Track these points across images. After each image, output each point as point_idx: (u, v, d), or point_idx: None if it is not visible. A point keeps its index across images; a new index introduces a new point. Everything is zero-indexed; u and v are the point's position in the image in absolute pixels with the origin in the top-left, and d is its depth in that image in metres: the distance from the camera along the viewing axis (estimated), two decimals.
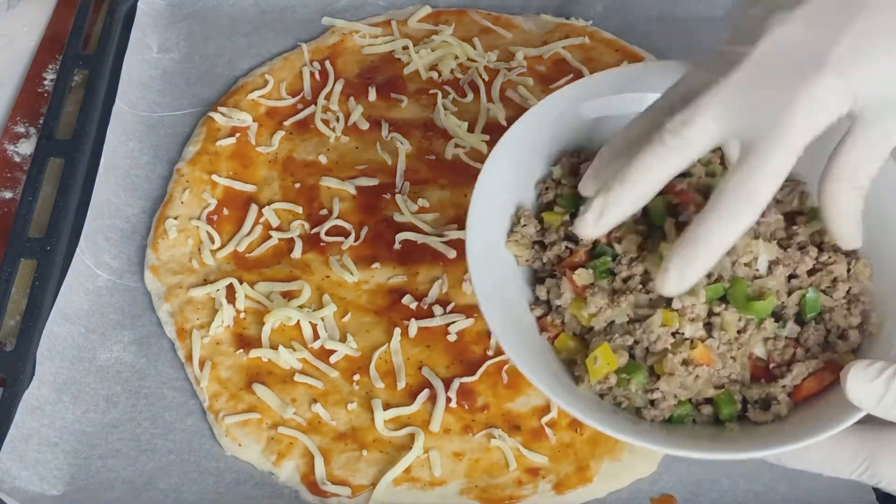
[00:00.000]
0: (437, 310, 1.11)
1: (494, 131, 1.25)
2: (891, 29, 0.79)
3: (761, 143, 0.79)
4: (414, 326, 1.10)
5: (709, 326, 0.89)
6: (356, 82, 1.30)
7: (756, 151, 0.79)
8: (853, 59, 0.79)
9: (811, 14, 0.81)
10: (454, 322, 1.10)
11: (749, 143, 0.80)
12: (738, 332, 0.89)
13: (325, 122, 1.26)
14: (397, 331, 1.10)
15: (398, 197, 1.20)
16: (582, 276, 0.92)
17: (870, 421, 0.83)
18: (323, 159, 1.24)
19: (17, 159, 1.29)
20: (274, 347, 1.08)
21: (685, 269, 0.81)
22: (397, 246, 1.17)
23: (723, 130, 0.81)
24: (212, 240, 1.17)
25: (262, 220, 1.18)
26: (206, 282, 1.14)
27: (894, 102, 0.81)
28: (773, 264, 0.90)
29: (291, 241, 1.17)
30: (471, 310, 1.11)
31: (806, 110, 0.78)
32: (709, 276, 0.89)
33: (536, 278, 0.98)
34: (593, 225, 0.85)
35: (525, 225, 0.97)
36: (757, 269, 0.90)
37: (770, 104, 0.79)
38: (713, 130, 0.81)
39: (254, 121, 1.27)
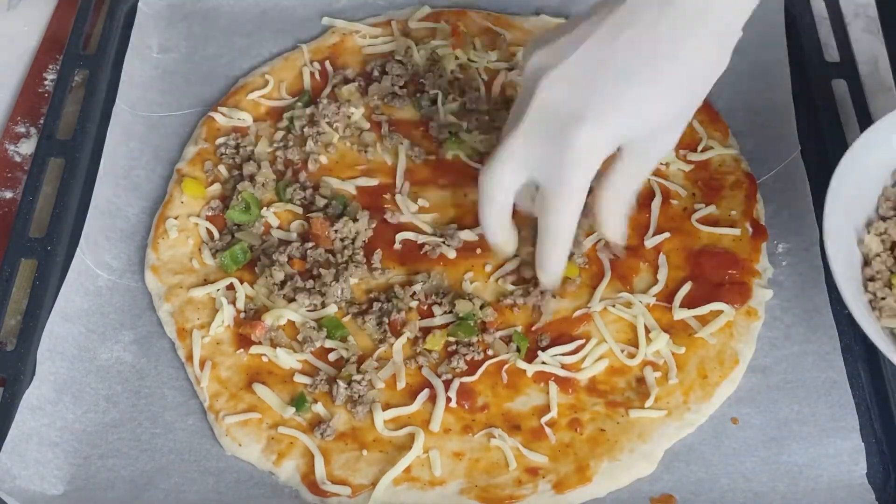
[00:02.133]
0: (437, 310, 1.11)
1: (494, 132, 1.25)
2: (641, 80, 0.93)
3: (553, 191, 0.97)
4: (414, 326, 1.10)
5: None
6: (356, 82, 1.30)
7: (551, 198, 0.98)
8: (609, 110, 0.94)
9: (572, 72, 0.94)
10: (454, 322, 1.10)
11: (544, 189, 0.98)
12: None
13: (326, 122, 1.26)
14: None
15: (398, 197, 1.20)
16: None
17: None
18: (323, 159, 1.24)
19: (18, 159, 1.29)
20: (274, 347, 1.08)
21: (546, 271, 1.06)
22: (397, 246, 1.17)
23: (521, 178, 0.99)
24: (212, 236, 1.17)
25: (261, 220, 1.18)
26: (206, 282, 1.14)
27: (652, 134, 0.98)
28: None
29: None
30: None
31: (576, 161, 0.95)
32: None
33: None
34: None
35: None
36: None
37: (549, 158, 0.96)
38: (512, 180, 1.00)
39: (254, 121, 1.27)
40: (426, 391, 1.06)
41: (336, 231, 1.16)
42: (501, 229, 1.07)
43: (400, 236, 1.16)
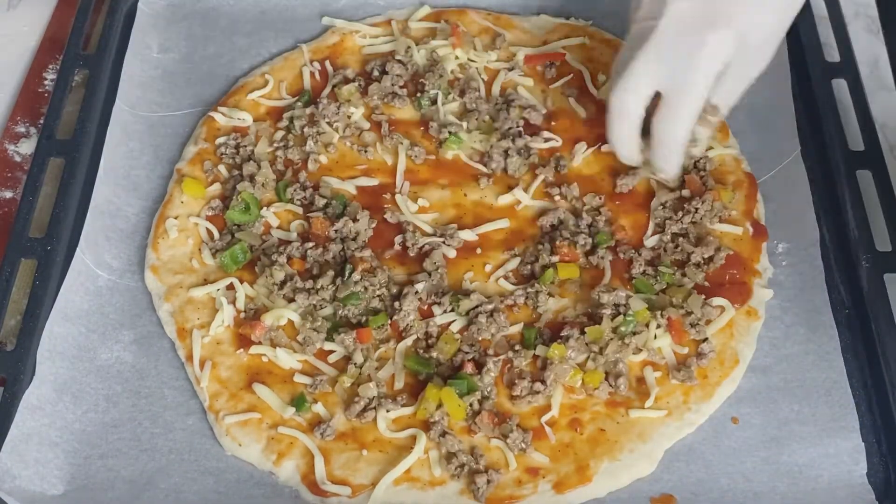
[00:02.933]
0: (437, 309, 1.11)
1: (494, 132, 1.25)
2: None
3: (678, 97, 1.06)
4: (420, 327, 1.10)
5: None
6: (356, 82, 1.30)
7: (675, 104, 1.07)
8: (737, 11, 1.04)
9: None
10: (454, 321, 1.10)
11: (668, 96, 1.07)
12: None
13: (326, 122, 1.26)
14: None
15: (398, 197, 1.20)
16: None
17: None
18: (323, 159, 1.24)
19: (18, 159, 1.29)
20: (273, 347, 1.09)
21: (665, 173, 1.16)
22: (397, 246, 1.17)
23: (650, 90, 1.08)
24: (212, 236, 1.17)
25: (261, 220, 1.18)
26: (206, 281, 1.14)
27: (758, 45, 1.07)
28: None
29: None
30: None
31: (706, 64, 1.05)
32: None
33: None
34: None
35: None
36: None
37: (679, 64, 1.05)
38: (645, 93, 1.08)
39: (254, 121, 1.27)
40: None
41: (336, 231, 1.16)
42: (630, 142, 1.14)
43: (399, 237, 1.17)
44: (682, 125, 1.08)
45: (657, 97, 1.09)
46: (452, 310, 1.11)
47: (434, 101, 1.28)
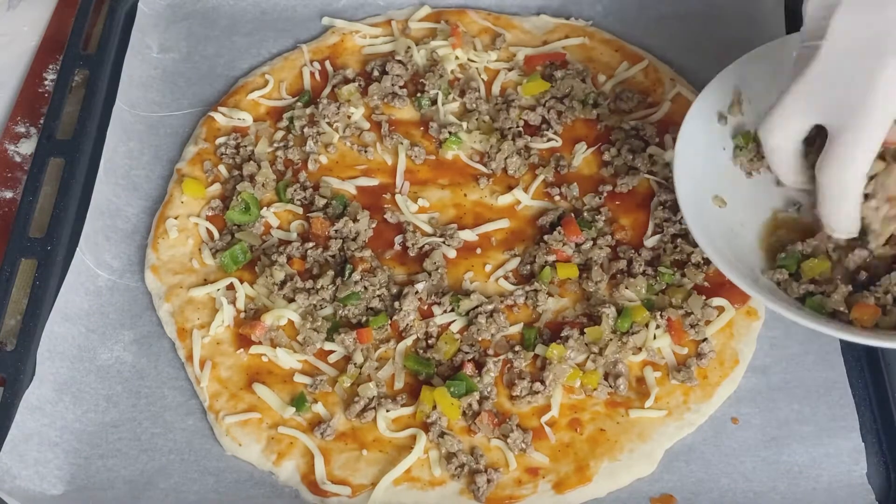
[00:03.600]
0: (437, 309, 1.11)
1: (494, 132, 1.25)
2: None
3: (847, 135, 0.91)
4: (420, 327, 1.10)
5: None
6: (356, 82, 1.30)
7: (844, 143, 0.91)
8: None
9: (873, 4, 0.89)
10: (454, 321, 1.10)
11: (835, 134, 0.92)
12: None
13: (326, 122, 1.26)
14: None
15: (398, 197, 1.20)
16: None
17: None
18: (323, 159, 1.24)
19: (18, 159, 1.29)
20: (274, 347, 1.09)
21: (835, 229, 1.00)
22: (397, 246, 1.17)
23: (806, 125, 0.95)
24: (212, 236, 1.17)
25: (261, 220, 1.18)
26: (206, 281, 1.14)
27: None
28: None
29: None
30: None
31: (881, 98, 0.89)
32: None
33: None
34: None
35: None
36: None
37: (845, 97, 0.90)
38: (797, 128, 0.96)
39: (254, 121, 1.27)
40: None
41: (336, 231, 1.16)
42: (794, 169, 1.01)
43: (399, 237, 1.17)
44: (852, 170, 0.92)
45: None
46: (452, 310, 1.11)
47: (434, 102, 1.28)
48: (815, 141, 0.99)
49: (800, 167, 1.02)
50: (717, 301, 1.10)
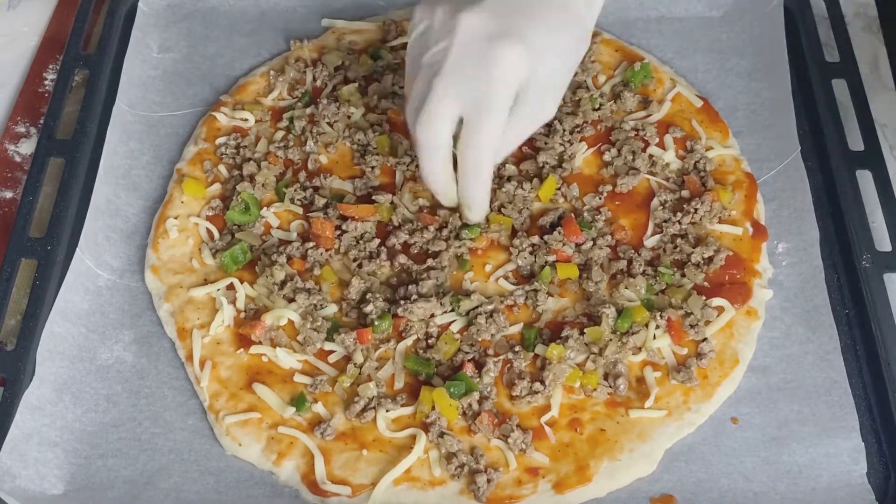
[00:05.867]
0: (437, 309, 1.11)
1: None
2: (553, 6, 1.02)
3: (477, 117, 1.01)
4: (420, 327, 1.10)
5: None
6: (356, 82, 1.30)
7: (475, 124, 1.01)
8: (529, 27, 1.00)
9: (493, 7, 1.01)
10: (454, 321, 1.10)
11: (468, 118, 1.01)
12: None
13: (326, 122, 1.26)
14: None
15: (398, 196, 1.20)
16: None
17: None
18: (323, 159, 1.24)
19: (18, 159, 1.29)
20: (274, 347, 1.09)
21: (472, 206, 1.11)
22: (397, 246, 1.17)
23: (454, 116, 1.02)
24: (212, 236, 1.17)
25: (261, 220, 1.18)
26: (206, 281, 1.14)
27: (549, 86, 1.05)
28: None
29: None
30: None
31: (502, 78, 0.99)
32: None
33: None
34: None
35: None
36: None
37: (476, 83, 1.00)
38: (448, 122, 1.02)
39: (254, 121, 1.27)
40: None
41: (345, 231, 1.15)
42: (444, 175, 1.08)
43: (400, 237, 1.17)
44: (485, 147, 1.03)
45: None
46: (452, 310, 1.11)
47: None
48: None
49: (450, 171, 1.08)
50: (717, 301, 1.10)
